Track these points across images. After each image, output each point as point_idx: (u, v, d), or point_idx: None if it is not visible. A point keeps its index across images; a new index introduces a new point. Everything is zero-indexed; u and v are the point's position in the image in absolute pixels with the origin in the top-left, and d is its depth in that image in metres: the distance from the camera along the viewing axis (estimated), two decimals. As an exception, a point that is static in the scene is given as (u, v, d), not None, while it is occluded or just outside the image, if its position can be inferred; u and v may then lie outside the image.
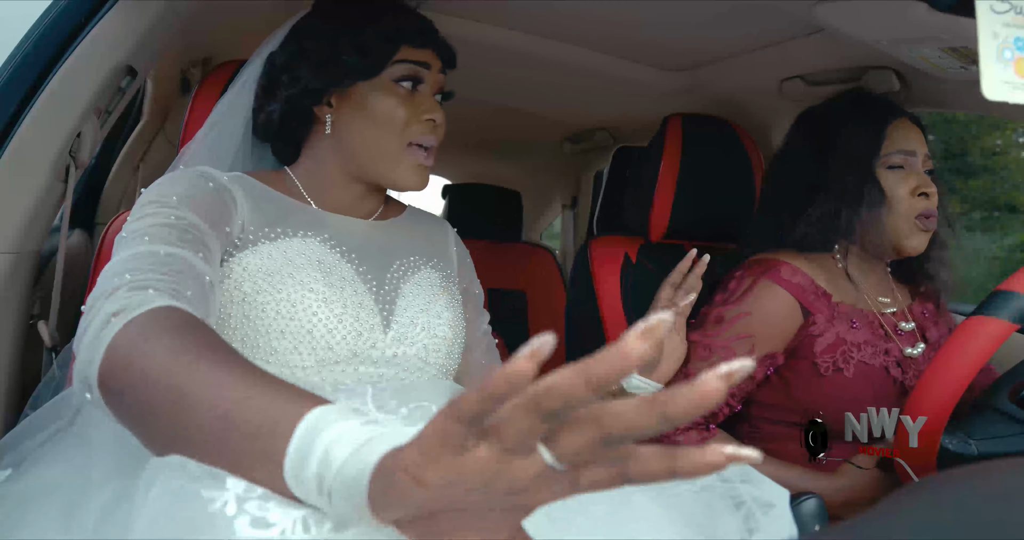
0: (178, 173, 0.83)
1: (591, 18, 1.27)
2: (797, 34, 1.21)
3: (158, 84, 1.58)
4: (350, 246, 0.88)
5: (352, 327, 0.81)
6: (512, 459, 0.38)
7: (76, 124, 0.95)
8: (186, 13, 1.06)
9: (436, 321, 0.89)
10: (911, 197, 1.11)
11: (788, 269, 1.10)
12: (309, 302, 0.79)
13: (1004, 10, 0.59)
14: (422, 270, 0.94)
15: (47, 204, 0.98)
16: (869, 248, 1.15)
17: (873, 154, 1.12)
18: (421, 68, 0.90)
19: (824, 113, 1.21)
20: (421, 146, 0.90)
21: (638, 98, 1.65)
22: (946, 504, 0.41)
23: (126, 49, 0.96)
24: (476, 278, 1.08)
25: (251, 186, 0.87)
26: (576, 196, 2.60)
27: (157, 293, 0.63)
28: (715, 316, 1.12)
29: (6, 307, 0.96)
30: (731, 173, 1.41)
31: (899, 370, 1.09)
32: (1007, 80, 0.59)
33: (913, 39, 1.04)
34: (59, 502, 0.61)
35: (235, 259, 0.80)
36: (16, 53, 0.90)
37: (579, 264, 1.43)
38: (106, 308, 0.60)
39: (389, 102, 0.88)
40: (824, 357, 1.07)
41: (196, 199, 0.78)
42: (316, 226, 0.87)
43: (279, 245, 0.82)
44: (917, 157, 1.14)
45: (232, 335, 0.79)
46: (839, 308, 1.10)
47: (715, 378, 0.33)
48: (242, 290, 0.79)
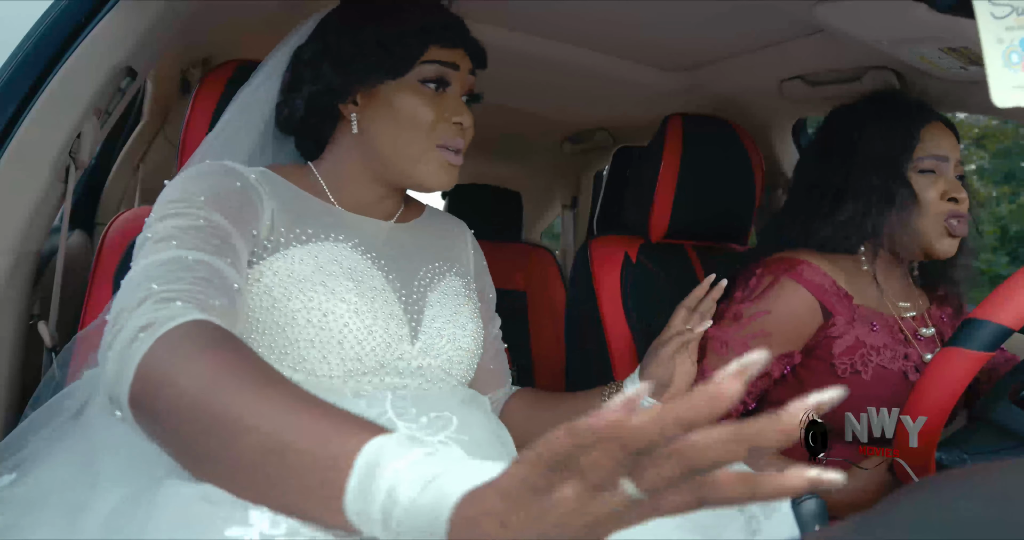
0: (204, 167, 0.80)
1: (591, 18, 1.27)
2: (797, 34, 1.21)
3: (158, 84, 1.58)
4: (379, 252, 0.86)
5: (382, 339, 0.80)
6: (597, 495, 0.38)
7: (76, 124, 0.95)
8: (186, 13, 1.06)
9: (461, 333, 0.88)
10: (941, 201, 1.10)
11: (810, 269, 1.09)
12: (341, 312, 0.77)
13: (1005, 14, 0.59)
14: (447, 278, 0.93)
15: (47, 204, 0.98)
16: (898, 250, 1.13)
17: (905, 157, 1.10)
18: (449, 69, 0.87)
19: (856, 113, 1.18)
20: (448, 148, 0.88)
21: (638, 98, 1.65)
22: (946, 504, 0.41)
23: (126, 49, 0.96)
24: (491, 282, 1.07)
25: (277, 183, 0.85)
26: (576, 196, 2.60)
27: (185, 306, 0.60)
28: (733, 313, 1.11)
29: (6, 307, 0.96)
30: (731, 173, 1.41)
31: (917, 375, 1.07)
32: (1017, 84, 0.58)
33: (913, 39, 1.04)
34: (63, 505, 0.61)
35: (265, 263, 0.78)
36: (16, 53, 0.90)
37: (579, 264, 1.43)
38: (133, 322, 0.58)
39: (415, 103, 0.85)
40: (842, 359, 1.06)
41: (223, 199, 0.75)
42: (343, 229, 0.85)
43: (310, 249, 0.80)
44: (949, 162, 1.12)
45: (260, 340, 0.77)
46: (859, 310, 1.09)
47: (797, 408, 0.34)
48: (272, 296, 0.77)
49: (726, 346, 1.08)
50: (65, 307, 1.04)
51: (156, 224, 0.71)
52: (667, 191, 1.36)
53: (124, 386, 0.55)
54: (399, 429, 0.74)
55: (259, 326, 0.77)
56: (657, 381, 0.95)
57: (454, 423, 0.77)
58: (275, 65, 0.93)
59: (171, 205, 0.73)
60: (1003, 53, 0.58)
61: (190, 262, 0.66)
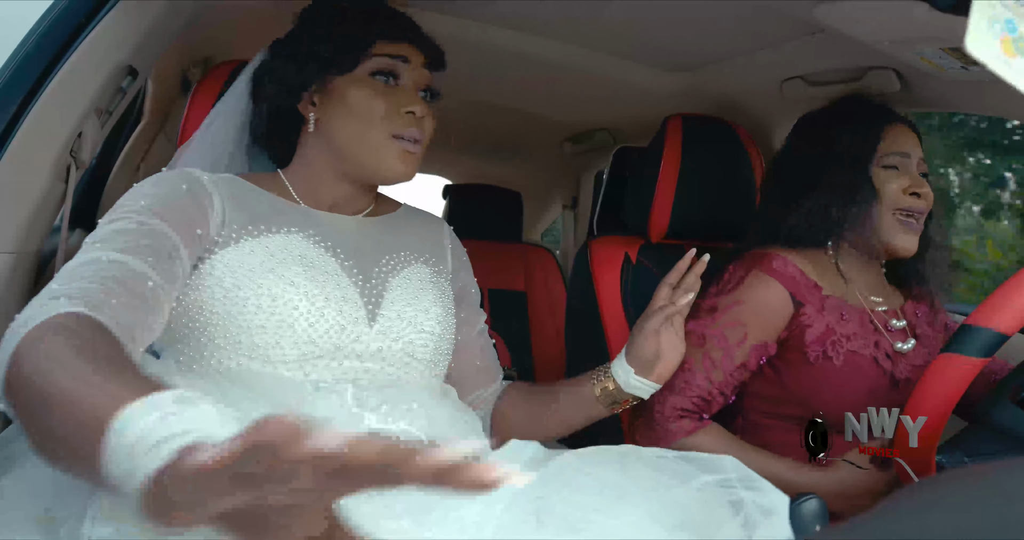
0: (157, 176, 0.84)
1: (591, 19, 1.27)
2: (797, 34, 1.21)
3: (159, 84, 1.58)
4: (336, 241, 0.88)
5: (335, 321, 0.81)
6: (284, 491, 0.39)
7: (77, 124, 0.95)
8: (187, 13, 1.06)
9: (423, 316, 0.89)
10: (902, 195, 1.14)
11: (779, 261, 1.13)
12: (290, 296, 0.79)
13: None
14: (412, 265, 0.93)
15: (48, 204, 0.98)
16: (859, 246, 1.17)
17: (869, 153, 1.16)
18: (397, 62, 0.91)
19: (823, 115, 1.25)
20: (404, 138, 0.89)
21: (638, 98, 1.65)
22: (946, 504, 0.41)
23: (127, 49, 0.96)
24: (473, 278, 1.08)
25: (237, 187, 0.87)
26: (576, 196, 2.60)
27: (69, 301, 0.62)
28: (708, 306, 1.14)
29: (6, 307, 0.96)
30: (731, 174, 1.41)
31: (889, 362, 1.11)
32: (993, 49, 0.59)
33: (913, 39, 1.04)
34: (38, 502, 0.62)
35: (216, 256, 0.80)
36: (17, 53, 0.90)
37: (579, 264, 1.43)
38: (17, 320, 0.61)
39: (366, 94, 0.88)
40: (813, 346, 1.09)
41: (164, 202, 0.78)
42: (303, 223, 0.87)
43: (261, 241, 0.83)
44: (912, 159, 1.17)
45: (215, 332, 0.79)
46: (828, 300, 1.13)
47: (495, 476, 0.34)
48: (223, 286, 0.79)
49: (703, 338, 1.11)
50: (65, 307, 1.04)
51: (96, 231, 0.75)
52: (667, 191, 1.36)
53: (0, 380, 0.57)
54: (363, 421, 0.75)
55: (213, 317, 0.79)
56: (644, 356, 0.97)
57: (415, 412, 0.78)
58: (244, 79, 0.99)
59: (115, 212, 0.78)
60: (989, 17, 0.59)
61: (104, 262, 0.69)
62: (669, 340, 0.98)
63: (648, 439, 1.10)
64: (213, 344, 0.79)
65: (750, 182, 1.42)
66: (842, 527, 0.44)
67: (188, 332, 0.80)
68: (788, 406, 1.13)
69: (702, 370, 1.09)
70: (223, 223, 0.82)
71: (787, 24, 1.18)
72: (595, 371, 1.01)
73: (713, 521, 0.69)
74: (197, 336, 0.79)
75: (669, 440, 1.07)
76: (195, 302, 0.79)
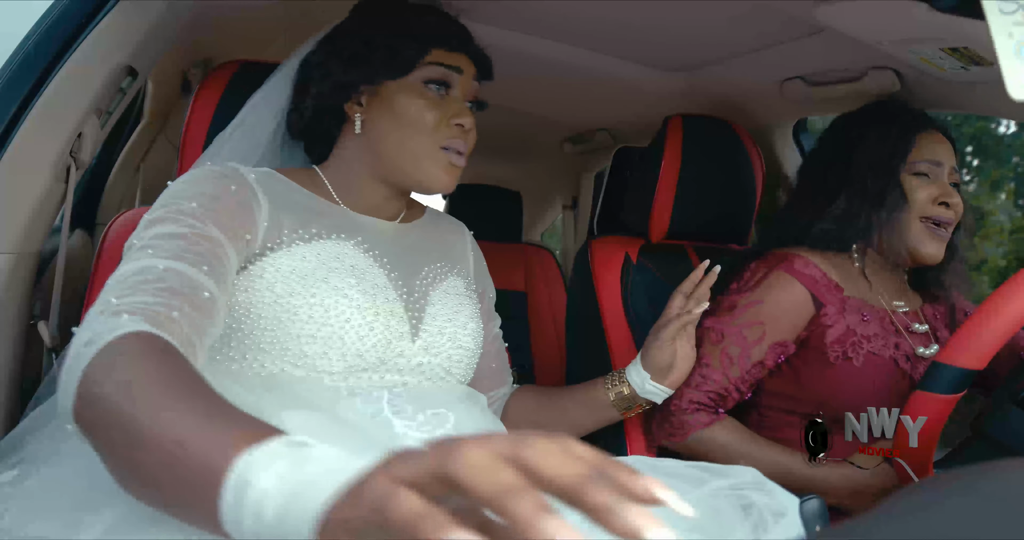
0: (203, 171, 0.81)
1: (592, 19, 1.27)
2: (798, 34, 1.21)
3: (159, 84, 1.58)
4: (382, 250, 0.87)
5: (383, 335, 0.80)
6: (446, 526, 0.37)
7: (77, 124, 0.95)
8: (187, 14, 1.06)
9: (462, 332, 0.89)
10: (931, 204, 1.14)
11: (801, 261, 1.13)
12: (343, 307, 0.78)
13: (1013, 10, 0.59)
14: (448, 277, 0.94)
15: (48, 204, 0.98)
16: (886, 252, 1.16)
17: (900, 159, 1.14)
18: (452, 72, 0.90)
19: (857, 118, 1.23)
20: (451, 149, 0.89)
21: (639, 99, 1.65)
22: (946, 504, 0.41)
23: (127, 50, 0.96)
24: (491, 282, 1.09)
25: (279, 184, 0.86)
26: (576, 196, 2.60)
27: (131, 318, 0.61)
28: (728, 303, 1.14)
29: (6, 307, 0.96)
30: (732, 174, 1.41)
31: (909, 364, 1.11)
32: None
33: (914, 39, 1.04)
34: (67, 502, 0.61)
35: (267, 259, 0.79)
36: (17, 53, 0.90)
37: (579, 264, 1.43)
38: (79, 337, 0.60)
39: (418, 104, 0.87)
40: (834, 347, 1.09)
41: (215, 205, 0.76)
42: (348, 228, 0.87)
43: (313, 247, 0.81)
44: (943, 168, 1.16)
45: (262, 336, 0.77)
46: (850, 302, 1.12)
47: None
48: (274, 292, 0.77)
49: (721, 335, 1.12)
50: (65, 307, 1.04)
51: (143, 231, 0.73)
52: (667, 192, 1.36)
53: (68, 401, 0.56)
54: (395, 428, 0.74)
55: (261, 322, 0.77)
56: (659, 363, 0.99)
57: (451, 421, 0.78)
58: (287, 71, 0.96)
59: (162, 210, 0.75)
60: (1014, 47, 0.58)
61: (159, 271, 0.67)
62: (682, 348, 1.01)
63: (664, 431, 1.11)
64: (258, 348, 0.77)
65: (750, 182, 1.42)
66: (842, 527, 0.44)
67: (230, 332, 0.78)
68: (804, 405, 1.13)
69: (719, 366, 1.10)
70: (271, 225, 0.81)
71: (787, 24, 1.18)
72: (608, 376, 1.03)
73: (725, 524, 0.69)
74: (241, 338, 0.78)
75: (686, 432, 1.08)
76: (242, 304, 0.78)
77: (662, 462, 0.82)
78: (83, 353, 0.57)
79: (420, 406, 0.78)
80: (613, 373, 1.03)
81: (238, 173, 0.82)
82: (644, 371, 1.00)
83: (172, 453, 0.48)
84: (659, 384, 1.00)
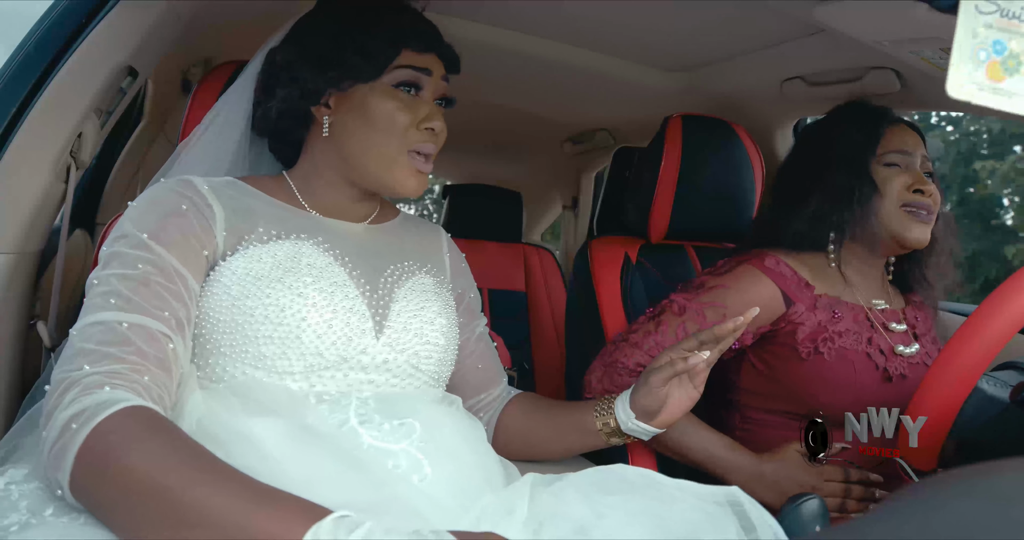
0: (156, 190, 0.81)
1: (592, 19, 1.28)
2: (797, 34, 1.22)
3: (159, 84, 1.58)
4: (344, 249, 0.86)
5: (342, 332, 0.79)
6: None
7: (77, 124, 0.95)
8: (187, 14, 1.06)
9: (428, 327, 0.88)
10: (905, 191, 1.14)
11: (772, 259, 1.15)
12: (298, 307, 0.77)
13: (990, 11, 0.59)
14: (416, 275, 0.92)
15: (48, 204, 0.98)
16: (865, 243, 1.17)
17: (870, 152, 1.16)
18: (422, 74, 0.88)
19: (823, 121, 1.27)
20: (419, 153, 0.88)
21: (639, 99, 1.65)
22: (946, 504, 0.41)
23: (127, 49, 0.96)
24: (472, 282, 1.07)
25: (239, 191, 0.85)
26: (576, 196, 2.60)
27: (114, 391, 0.64)
28: (697, 282, 1.18)
29: (6, 307, 0.96)
30: (731, 174, 1.41)
31: (883, 358, 1.12)
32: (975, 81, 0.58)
33: (914, 39, 1.04)
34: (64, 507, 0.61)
35: (224, 264, 0.79)
36: (17, 53, 0.90)
37: (579, 264, 1.43)
38: (63, 413, 0.62)
39: (388, 107, 0.86)
40: (805, 343, 1.11)
41: (167, 231, 0.76)
42: (310, 229, 0.86)
43: (269, 248, 0.81)
44: (914, 157, 1.17)
45: (221, 340, 0.77)
46: (821, 299, 1.14)
47: None
48: (230, 294, 0.77)
49: (683, 309, 1.13)
50: (65, 307, 1.04)
51: (102, 268, 0.74)
52: (667, 192, 1.36)
53: (64, 474, 0.60)
54: (362, 439, 0.74)
55: (220, 326, 0.77)
56: (647, 406, 0.93)
57: (417, 430, 0.77)
58: (251, 69, 0.94)
59: (117, 242, 0.75)
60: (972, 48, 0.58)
61: (123, 331, 0.69)
62: (683, 388, 0.93)
63: (602, 384, 1.12)
64: (218, 352, 0.77)
65: (750, 182, 1.42)
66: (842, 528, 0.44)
67: (193, 339, 0.78)
68: (782, 402, 1.15)
69: (673, 337, 1.11)
70: (229, 234, 0.80)
71: (787, 24, 1.18)
72: (600, 402, 0.97)
73: (713, 524, 0.69)
74: (203, 343, 0.78)
75: (621, 389, 1.00)
76: (202, 309, 0.78)
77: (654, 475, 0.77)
78: (74, 429, 0.60)
79: (387, 415, 0.77)
80: (603, 401, 0.97)
81: (190, 186, 0.81)
82: (631, 410, 0.94)
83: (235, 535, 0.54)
84: (645, 424, 0.93)
